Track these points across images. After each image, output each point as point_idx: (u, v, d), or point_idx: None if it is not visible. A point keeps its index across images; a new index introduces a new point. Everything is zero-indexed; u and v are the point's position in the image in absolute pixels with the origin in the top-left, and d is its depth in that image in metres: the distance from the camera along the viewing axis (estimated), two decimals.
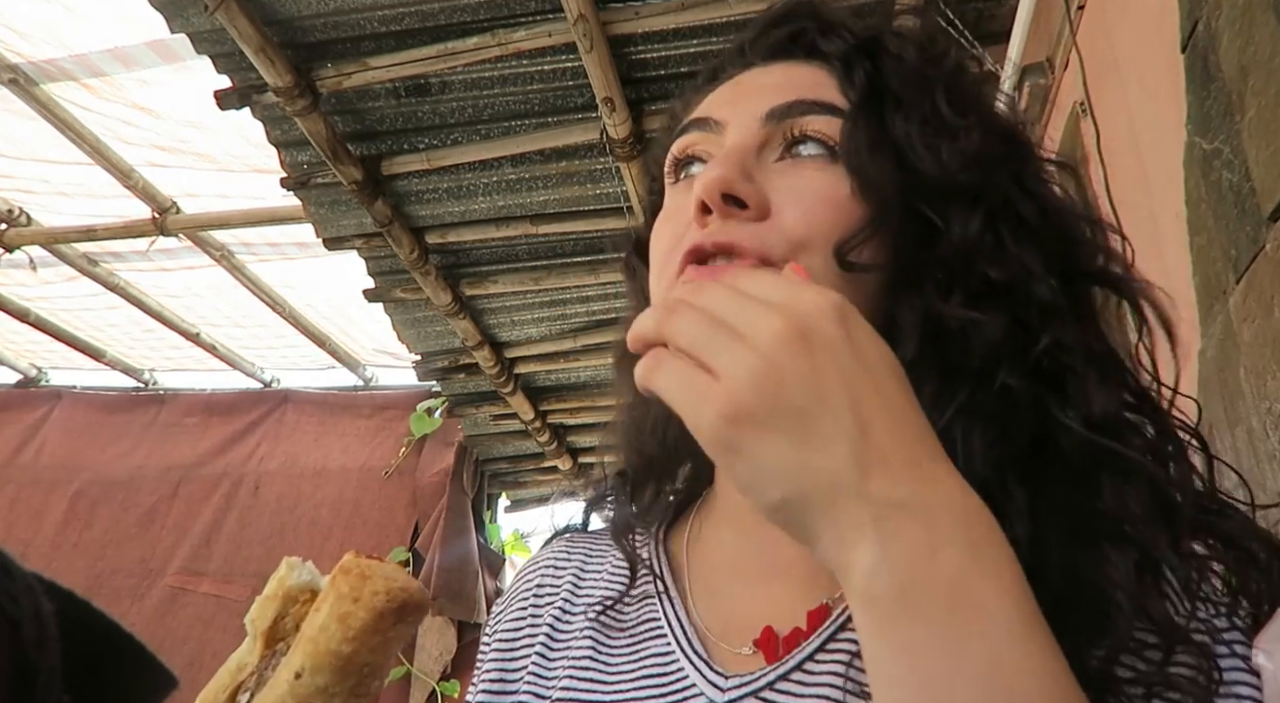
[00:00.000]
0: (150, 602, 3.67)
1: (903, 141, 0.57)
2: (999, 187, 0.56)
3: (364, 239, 2.59)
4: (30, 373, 4.35)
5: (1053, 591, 0.43)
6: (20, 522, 3.85)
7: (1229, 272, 1.13)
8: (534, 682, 0.63)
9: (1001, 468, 0.50)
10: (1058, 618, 0.40)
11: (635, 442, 0.69)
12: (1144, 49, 1.41)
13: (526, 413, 3.46)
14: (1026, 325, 0.53)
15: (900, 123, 0.57)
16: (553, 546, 0.74)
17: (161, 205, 2.92)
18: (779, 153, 0.58)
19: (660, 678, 0.59)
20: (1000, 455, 0.50)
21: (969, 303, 0.53)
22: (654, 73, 2.12)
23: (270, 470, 3.95)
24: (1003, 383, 0.51)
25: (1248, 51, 1.06)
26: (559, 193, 2.45)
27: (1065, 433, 0.51)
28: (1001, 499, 0.47)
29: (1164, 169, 1.31)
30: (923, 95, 0.58)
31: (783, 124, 0.58)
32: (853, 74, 0.59)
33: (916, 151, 0.56)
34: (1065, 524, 0.49)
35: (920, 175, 0.56)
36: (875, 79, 0.59)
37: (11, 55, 2.39)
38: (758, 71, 0.64)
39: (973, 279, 0.54)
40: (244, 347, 3.97)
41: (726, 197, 0.55)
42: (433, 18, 1.98)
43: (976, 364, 0.52)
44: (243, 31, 1.87)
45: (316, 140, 2.15)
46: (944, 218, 0.55)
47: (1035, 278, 0.54)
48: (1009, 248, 0.54)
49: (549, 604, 0.68)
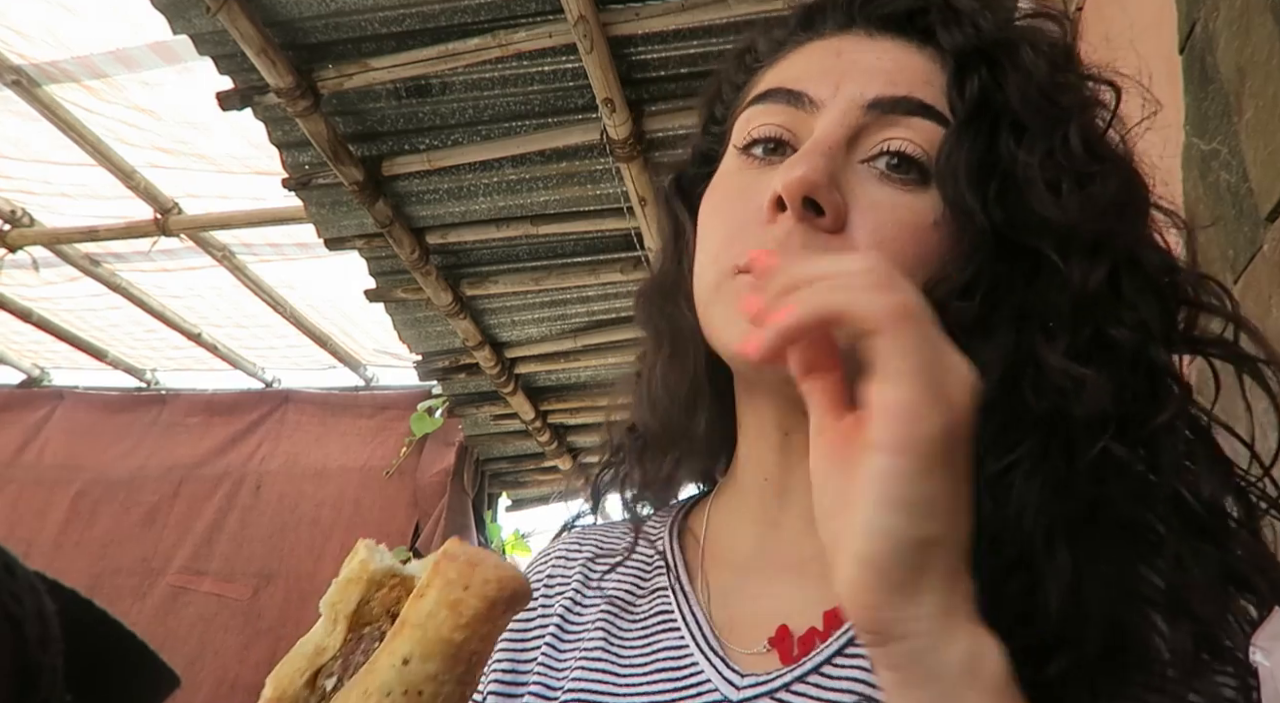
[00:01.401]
0: (152, 601, 3.67)
1: (1020, 175, 0.51)
2: (1125, 238, 0.51)
3: (365, 239, 2.59)
4: (33, 373, 4.36)
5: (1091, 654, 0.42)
6: (23, 521, 3.86)
7: (1227, 272, 1.13)
8: (545, 673, 0.62)
9: (1052, 526, 0.46)
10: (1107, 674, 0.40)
11: (661, 405, 0.64)
12: (1142, 50, 1.41)
13: (527, 413, 3.47)
14: (1131, 389, 0.49)
15: (1017, 151, 0.52)
16: (563, 538, 0.72)
17: (163, 206, 2.92)
18: (870, 153, 0.53)
19: (674, 672, 0.57)
20: (1055, 513, 0.47)
21: (1076, 355, 0.48)
22: (654, 74, 2.13)
23: (271, 470, 3.96)
24: (1114, 457, 0.47)
25: (1245, 53, 1.06)
26: (559, 193, 2.45)
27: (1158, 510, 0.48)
28: (1041, 558, 0.46)
29: (1162, 169, 1.31)
30: (1051, 125, 0.52)
31: (884, 119, 0.53)
32: (966, 79, 0.54)
33: (1037, 191, 0.51)
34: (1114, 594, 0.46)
35: (1036, 217, 0.50)
36: (992, 92, 0.53)
37: (14, 57, 2.40)
38: (864, 42, 0.57)
39: (1085, 331, 0.49)
40: (245, 347, 3.98)
41: (806, 200, 0.51)
42: (433, 19, 1.99)
43: (1080, 422, 0.48)
44: (244, 33, 1.87)
45: (317, 141, 2.15)
46: (1063, 261, 0.50)
47: (1154, 341, 0.49)
48: (1132, 306, 0.50)
49: (559, 595, 0.66)
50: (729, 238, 0.55)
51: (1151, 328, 0.50)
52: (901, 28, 0.57)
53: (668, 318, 0.64)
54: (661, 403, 0.64)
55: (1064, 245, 0.50)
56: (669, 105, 2.17)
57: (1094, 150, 0.53)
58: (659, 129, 2.20)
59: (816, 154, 0.52)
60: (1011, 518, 0.45)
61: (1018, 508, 0.46)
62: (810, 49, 0.60)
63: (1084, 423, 0.48)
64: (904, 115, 0.53)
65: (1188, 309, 0.53)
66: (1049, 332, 0.50)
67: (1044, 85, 0.53)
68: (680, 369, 0.63)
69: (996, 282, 0.51)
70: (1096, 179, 0.51)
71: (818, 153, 0.52)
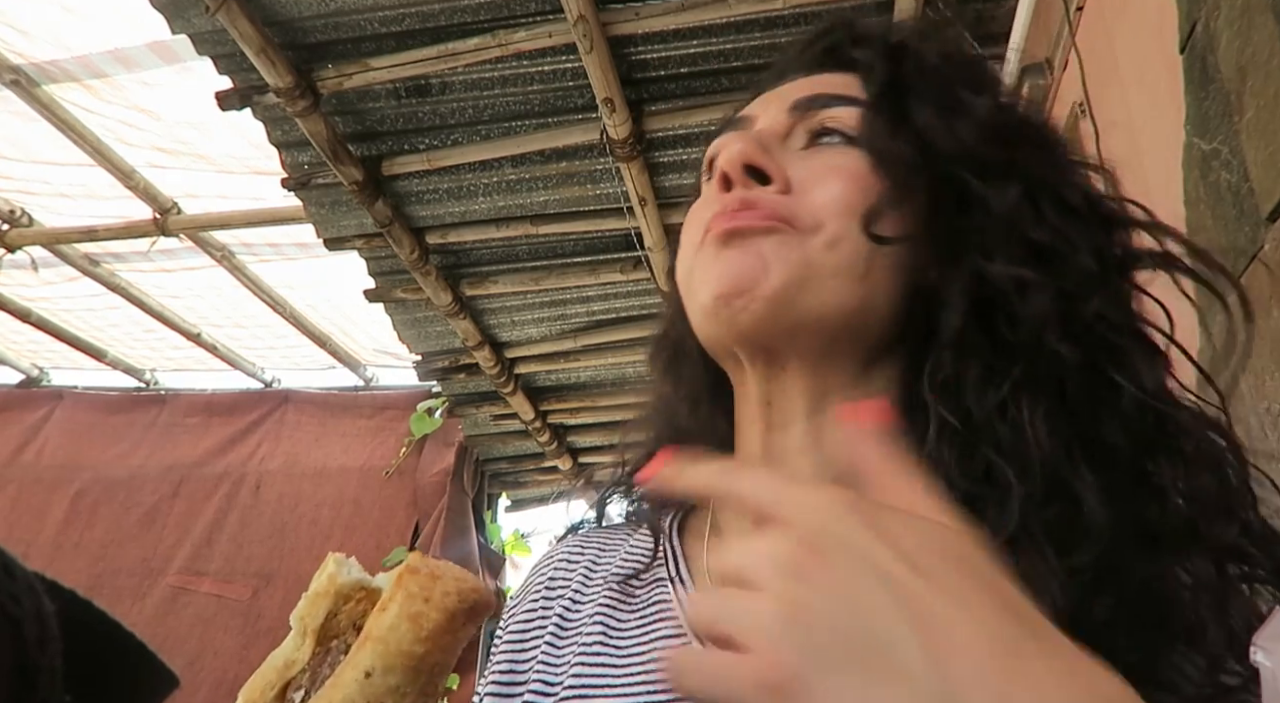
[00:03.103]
0: (151, 602, 3.67)
1: (921, 123, 0.57)
2: (1031, 165, 0.56)
3: (364, 239, 2.59)
4: (32, 373, 4.36)
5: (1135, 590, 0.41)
6: (22, 521, 3.86)
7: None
8: (544, 669, 0.62)
9: (1069, 445, 0.47)
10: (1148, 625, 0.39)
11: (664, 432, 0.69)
12: (1143, 50, 1.41)
13: (527, 413, 3.47)
14: (1071, 296, 0.52)
15: (919, 109, 0.58)
16: (567, 541, 0.73)
17: (162, 206, 2.92)
18: (804, 142, 0.60)
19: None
20: (1066, 432, 0.48)
21: (1013, 261, 0.52)
22: (654, 73, 2.13)
23: (271, 470, 3.96)
24: (1053, 351, 0.50)
25: (1246, 52, 1.06)
26: (559, 193, 2.45)
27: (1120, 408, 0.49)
28: (1075, 481, 0.46)
29: (1162, 169, 1.31)
30: (940, 84, 0.60)
31: (806, 115, 0.60)
32: (875, 72, 0.61)
33: (934, 129, 0.57)
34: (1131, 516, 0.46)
35: (939, 150, 0.56)
36: (896, 75, 0.60)
37: (13, 56, 2.39)
38: (802, 79, 0.66)
39: (1015, 245, 0.53)
40: (245, 347, 3.98)
41: (749, 169, 0.56)
42: (433, 18, 1.99)
43: (1026, 334, 0.51)
44: (243, 32, 1.87)
45: (317, 141, 2.15)
46: (981, 188, 0.55)
47: (1079, 249, 0.53)
48: (1051, 218, 0.54)
49: (559, 597, 0.67)
50: (698, 238, 0.60)
51: (1075, 239, 0.53)
52: (823, 64, 0.66)
53: (669, 338, 0.69)
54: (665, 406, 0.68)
55: (978, 173, 0.55)
56: (669, 105, 2.17)
57: (977, 92, 0.59)
58: (659, 129, 2.20)
59: (748, 137, 0.59)
60: (1032, 444, 0.45)
61: (1033, 434, 0.48)
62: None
63: (1034, 330, 0.50)
64: (824, 108, 0.60)
65: (1116, 229, 0.56)
66: (987, 250, 0.54)
67: (933, 62, 0.61)
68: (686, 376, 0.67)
69: (935, 218, 0.56)
70: (977, 111, 0.58)
71: (749, 136, 0.59)
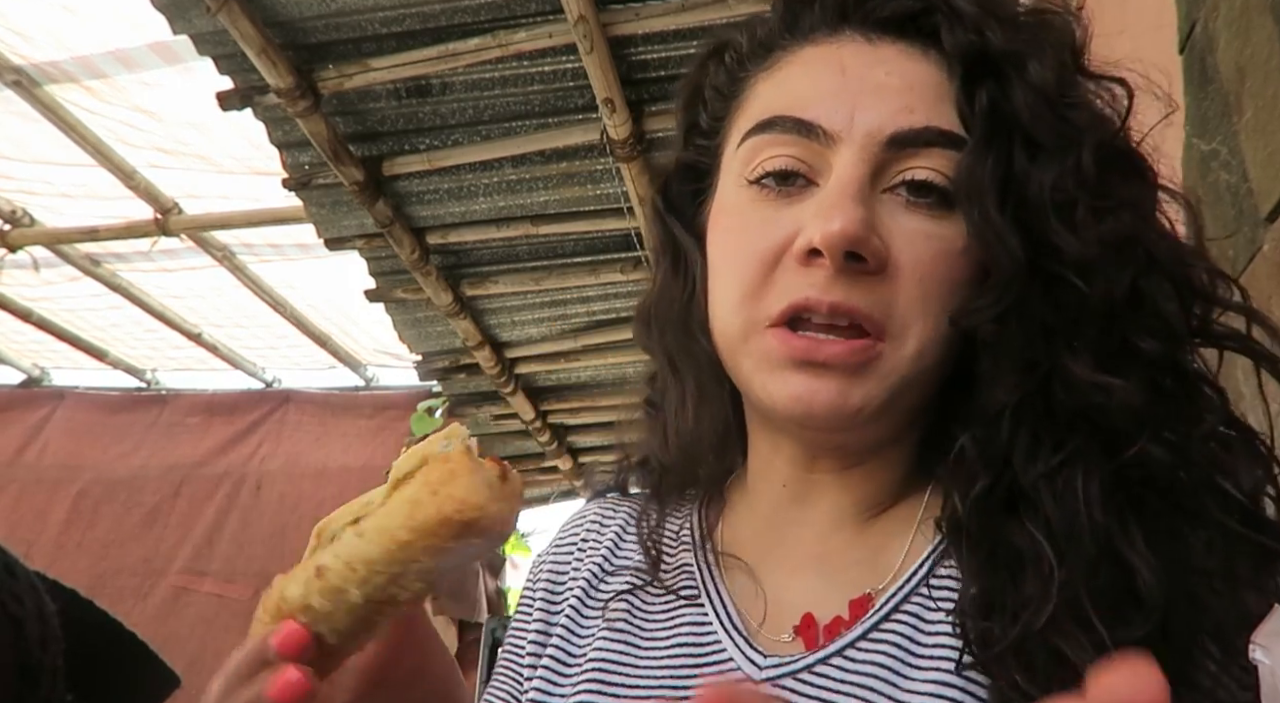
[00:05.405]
0: (153, 601, 3.67)
1: (1035, 197, 0.50)
2: (1141, 245, 0.50)
3: (365, 240, 2.59)
4: (33, 373, 4.36)
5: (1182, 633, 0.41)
6: (23, 522, 3.86)
7: (1227, 272, 1.13)
8: (567, 637, 0.62)
9: (1123, 514, 0.46)
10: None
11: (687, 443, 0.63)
12: (1142, 50, 1.41)
13: (527, 413, 3.47)
14: (1162, 390, 0.48)
15: (1031, 168, 0.51)
16: (597, 502, 0.72)
17: (163, 206, 2.92)
18: (892, 182, 0.53)
19: (695, 648, 0.57)
20: (1120, 504, 0.47)
21: (1103, 365, 0.48)
22: (654, 74, 2.13)
23: (272, 470, 3.96)
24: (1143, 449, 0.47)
25: (1245, 53, 1.06)
26: (559, 193, 2.45)
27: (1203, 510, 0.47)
28: (1126, 548, 0.45)
29: (1162, 169, 1.31)
30: (1064, 145, 0.51)
31: (904, 152, 0.52)
32: (975, 91, 0.52)
33: (1053, 223, 0.50)
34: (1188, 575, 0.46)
35: (1055, 248, 0.49)
36: (1001, 104, 0.52)
37: (14, 57, 2.40)
38: (865, 51, 0.55)
39: (1110, 342, 0.49)
40: (246, 347, 3.98)
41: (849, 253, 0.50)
42: (434, 19, 1.99)
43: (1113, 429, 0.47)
44: (244, 33, 1.88)
45: (318, 141, 2.15)
46: (1085, 283, 0.49)
47: (1179, 342, 0.49)
48: (1153, 310, 0.49)
49: (589, 559, 0.66)
50: (755, 284, 0.54)
51: (1174, 329, 0.49)
52: (901, 30, 0.55)
53: (688, 354, 0.62)
54: (686, 439, 0.63)
55: (1084, 273, 0.49)
56: (669, 105, 2.17)
57: (1109, 172, 0.51)
58: (659, 129, 2.20)
59: (849, 200, 0.51)
60: (1082, 513, 0.45)
61: (1086, 501, 0.46)
62: (807, 59, 0.57)
63: (1120, 430, 0.47)
64: (923, 147, 0.52)
65: (1203, 303, 0.52)
66: (1074, 348, 0.49)
67: (1054, 100, 0.52)
68: (711, 413, 0.62)
69: (1021, 300, 0.50)
70: (1112, 213, 0.50)
71: (849, 199, 0.51)
